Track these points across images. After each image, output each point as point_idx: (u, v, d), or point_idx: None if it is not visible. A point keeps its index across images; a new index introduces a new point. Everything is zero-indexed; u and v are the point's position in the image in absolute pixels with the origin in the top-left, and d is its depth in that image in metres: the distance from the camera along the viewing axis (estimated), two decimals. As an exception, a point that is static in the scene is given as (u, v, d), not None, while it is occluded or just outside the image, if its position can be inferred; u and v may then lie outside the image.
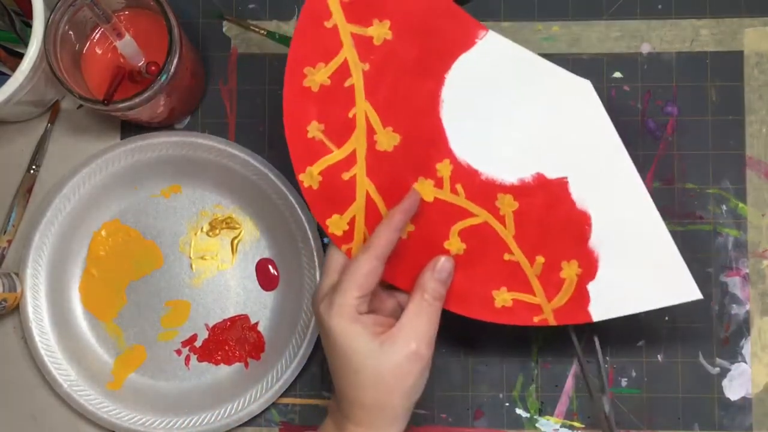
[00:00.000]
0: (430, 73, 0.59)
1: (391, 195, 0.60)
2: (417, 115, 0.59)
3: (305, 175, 0.60)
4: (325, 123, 0.59)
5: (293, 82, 0.58)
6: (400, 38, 0.58)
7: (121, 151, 0.70)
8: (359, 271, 0.56)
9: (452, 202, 0.60)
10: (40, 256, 0.70)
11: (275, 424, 0.70)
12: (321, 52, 0.58)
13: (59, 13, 0.62)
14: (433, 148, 0.60)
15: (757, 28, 0.71)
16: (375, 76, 0.58)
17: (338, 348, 0.56)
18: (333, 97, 0.59)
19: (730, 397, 0.69)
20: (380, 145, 0.59)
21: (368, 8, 0.58)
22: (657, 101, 0.71)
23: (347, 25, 0.58)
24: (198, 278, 0.71)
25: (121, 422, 0.69)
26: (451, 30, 0.58)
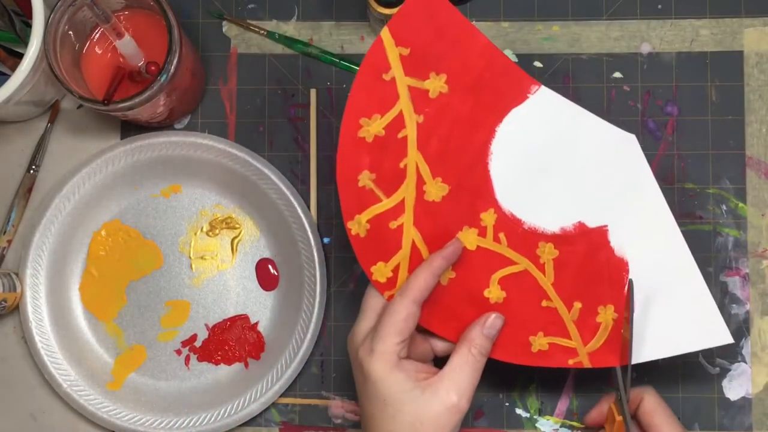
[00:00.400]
0: (481, 126, 0.60)
1: (436, 244, 0.60)
2: (466, 167, 0.60)
3: (353, 223, 0.60)
4: (377, 172, 0.60)
5: (348, 132, 0.59)
6: (455, 92, 0.59)
7: (121, 151, 0.70)
8: (398, 315, 0.56)
9: (494, 250, 0.61)
10: (40, 256, 0.70)
11: (275, 424, 0.70)
12: (378, 103, 0.59)
13: (59, 13, 0.62)
14: (479, 198, 0.60)
15: (757, 28, 0.71)
16: (428, 128, 0.59)
17: (378, 393, 0.56)
18: (386, 148, 0.59)
19: (730, 397, 0.69)
20: (429, 195, 0.60)
21: (426, 62, 0.58)
22: (657, 101, 0.71)
23: (405, 78, 0.58)
24: (198, 278, 0.71)
25: (121, 422, 0.69)
26: (505, 84, 0.59)
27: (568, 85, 0.71)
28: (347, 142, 0.59)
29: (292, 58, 0.72)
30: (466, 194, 0.60)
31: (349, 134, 0.59)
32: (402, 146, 0.59)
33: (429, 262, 0.59)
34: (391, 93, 0.59)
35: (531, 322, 0.62)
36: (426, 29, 0.58)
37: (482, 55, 0.59)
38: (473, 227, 0.61)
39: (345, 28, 0.72)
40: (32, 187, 0.72)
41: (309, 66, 0.72)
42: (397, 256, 0.61)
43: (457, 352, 0.58)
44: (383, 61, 0.58)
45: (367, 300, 0.60)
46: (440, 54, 0.58)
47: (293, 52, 0.72)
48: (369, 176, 0.60)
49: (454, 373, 0.57)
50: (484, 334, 0.59)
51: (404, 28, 0.58)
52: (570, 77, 0.71)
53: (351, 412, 0.70)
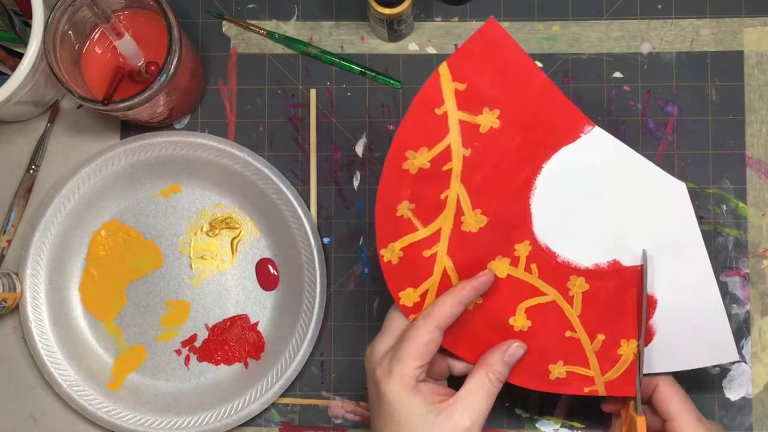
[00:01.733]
0: (528, 162, 0.59)
1: (467, 272, 0.60)
2: (507, 200, 0.59)
3: (387, 251, 0.60)
4: (417, 203, 0.59)
5: (394, 163, 0.58)
6: (506, 127, 0.58)
7: (120, 150, 0.70)
8: (420, 340, 0.56)
9: (524, 279, 0.61)
10: (39, 256, 0.70)
11: (275, 424, 0.70)
12: (426, 137, 0.58)
13: (59, 13, 0.62)
14: (516, 229, 0.60)
15: (757, 28, 0.71)
16: (474, 162, 0.58)
17: (392, 414, 0.56)
18: (429, 180, 0.59)
19: (730, 397, 0.69)
20: (466, 225, 0.59)
21: (481, 98, 0.57)
22: (657, 101, 0.71)
23: (457, 112, 0.57)
24: (198, 278, 0.71)
25: (121, 422, 0.69)
26: (558, 122, 0.59)
27: (568, 85, 0.71)
28: (391, 174, 0.58)
29: (292, 58, 0.72)
30: (503, 226, 0.60)
31: (394, 166, 0.58)
32: (445, 178, 0.58)
33: (458, 289, 0.58)
34: (441, 127, 0.58)
35: (552, 351, 0.61)
36: (486, 66, 0.57)
37: (539, 93, 0.58)
38: (506, 257, 0.60)
39: (345, 28, 0.72)
40: (32, 187, 0.72)
41: (309, 66, 0.72)
42: (426, 283, 0.60)
43: (474, 376, 0.58)
44: (437, 95, 0.57)
45: (390, 319, 0.60)
46: (496, 90, 0.57)
47: (293, 52, 0.72)
48: (408, 206, 0.59)
49: (470, 396, 0.57)
50: (504, 360, 0.59)
51: (464, 64, 0.57)
52: (570, 77, 0.71)
53: (351, 412, 0.70)
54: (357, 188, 0.71)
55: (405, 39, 0.72)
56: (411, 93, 0.71)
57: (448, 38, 0.72)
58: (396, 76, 0.72)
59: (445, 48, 0.72)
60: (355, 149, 0.71)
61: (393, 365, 0.56)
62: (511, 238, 0.60)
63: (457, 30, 0.72)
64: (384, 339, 0.59)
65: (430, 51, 0.72)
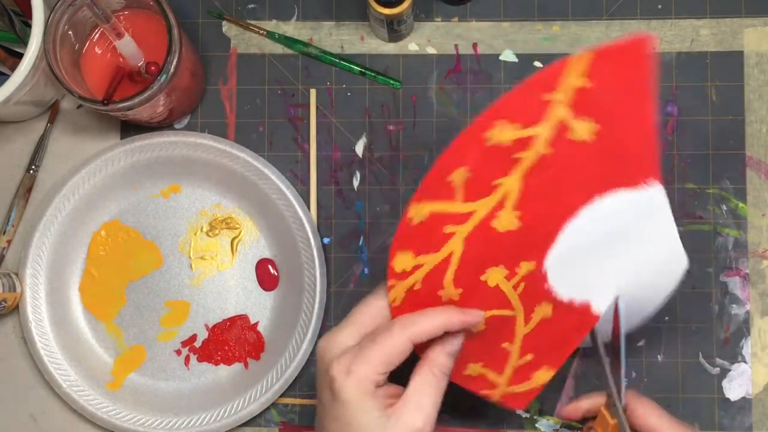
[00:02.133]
0: (585, 189, 0.57)
1: (467, 268, 0.57)
2: (546, 217, 0.57)
3: (416, 207, 0.55)
4: (472, 175, 0.55)
5: (477, 127, 0.54)
6: (593, 146, 0.55)
7: (120, 151, 0.70)
8: (391, 348, 0.54)
9: (505, 293, 0.59)
10: (39, 256, 0.70)
11: (275, 424, 0.70)
12: (521, 116, 0.54)
13: (59, 13, 0.62)
14: (533, 248, 0.58)
15: (757, 28, 0.71)
16: (546, 164, 0.55)
17: (343, 415, 0.53)
18: (496, 158, 0.55)
19: (730, 397, 0.69)
20: (497, 222, 0.56)
21: (594, 105, 0.54)
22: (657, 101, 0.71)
23: (563, 107, 0.54)
24: (198, 278, 0.71)
25: (121, 422, 0.69)
26: (633, 162, 0.56)
27: (568, 85, 0.71)
28: (468, 137, 0.54)
29: (292, 58, 0.72)
30: (526, 239, 0.57)
31: (475, 130, 0.54)
32: (510, 166, 0.55)
33: (447, 316, 0.56)
34: (538, 113, 0.54)
35: (482, 353, 0.61)
36: (621, 78, 0.53)
37: (639, 126, 0.55)
38: (507, 269, 0.58)
39: (345, 28, 0.72)
40: (32, 187, 0.72)
41: (309, 66, 0.72)
42: (427, 258, 0.57)
43: (419, 373, 0.55)
44: (554, 81, 0.53)
45: (356, 313, 0.57)
46: (611, 106, 0.54)
47: (293, 52, 0.72)
48: (463, 175, 0.55)
49: (417, 395, 0.54)
50: (446, 352, 0.56)
51: (604, 65, 0.53)
52: (570, 77, 0.71)
53: (351, 412, 0.70)
54: (357, 188, 0.71)
55: (405, 39, 0.72)
56: (411, 93, 0.71)
57: (448, 38, 0.72)
58: (396, 76, 0.72)
59: (445, 48, 0.72)
60: (355, 149, 0.71)
61: (355, 364, 0.53)
62: (523, 253, 0.58)
63: (457, 30, 0.72)
64: (346, 332, 0.56)
65: (430, 51, 0.72)
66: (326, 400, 0.55)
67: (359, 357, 0.53)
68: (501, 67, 0.71)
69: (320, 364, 0.56)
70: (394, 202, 0.71)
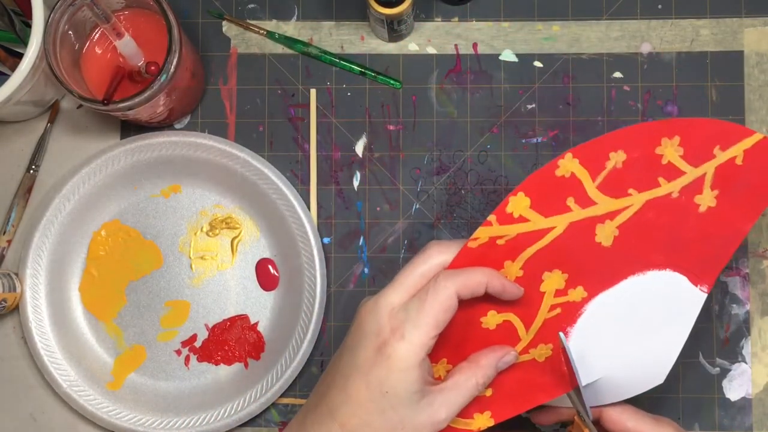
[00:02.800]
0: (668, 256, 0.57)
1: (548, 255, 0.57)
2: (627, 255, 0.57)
3: (569, 160, 0.55)
4: (621, 167, 0.56)
5: (663, 127, 0.55)
6: (700, 217, 0.56)
7: (120, 151, 0.70)
8: (441, 305, 0.52)
9: (540, 309, 0.58)
10: (39, 256, 0.70)
11: (275, 424, 0.70)
12: (694, 150, 0.55)
13: (59, 13, 0.62)
14: (598, 278, 0.57)
15: (757, 28, 0.71)
16: (662, 203, 0.56)
17: (384, 381, 0.52)
18: (646, 170, 0.56)
19: (730, 397, 0.69)
20: (600, 228, 0.56)
21: (729, 182, 0.56)
22: (657, 101, 0.71)
23: (713, 169, 0.55)
24: (198, 278, 0.71)
25: (121, 422, 0.69)
26: (713, 252, 0.57)
27: (568, 85, 0.71)
28: (650, 130, 0.55)
29: (292, 58, 0.72)
30: (600, 264, 0.57)
31: (659, 128, 0.55)
32: (646, 183, 0.56)
33: (492, 276, 0.54)
34: (703, 156, 0.55)
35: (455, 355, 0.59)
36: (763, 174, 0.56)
37: (739, 230, 0.56)
38: (566, 282, 0.57)
39: (345, 28, 0.72)
40: (32, 187, 0.72)
41: (309, 66, 0.72)
42: (536, 216, 0.56)
43: (464, 373, 0.55)
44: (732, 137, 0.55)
45: (405, 274, 0.54)
46: (739, 192, 0.56)
47: (293, 52, 0.72)
48: (618, 159, 0.55)
49: (453, 391, 0.54)
50: (497, 365, 0.56)
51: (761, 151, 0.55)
52: (570, 77, 0.71)
53: (351, 412, 0.70)
54: (357, 188, 0.71)
55: (405, 39, 0.72)
56: (411, 93, 0.71)
57: (448, 38, 0.72)
58: (396, 76, 0.72)
59: (445, 48, 0.72)
60: (355, 149, 0.71)
61: (408, 329, 0.52)
62: (588, 276, 0.57)
63: (456, 30, 0.72)
64: (395, 292, 0.53)
65: (430, 51, 0.72)
66: (364, 360, 0.53)
67: (412, 321, 0.52)
68: (501, 67, 0.71)
69: (365, 324, 0.53)
70: (394, 202, 0.71)
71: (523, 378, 0.58)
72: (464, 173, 0.71)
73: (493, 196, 0.71)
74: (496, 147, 0.71)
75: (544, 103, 0.71)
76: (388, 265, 0.71)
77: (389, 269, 0.71)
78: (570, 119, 0.71)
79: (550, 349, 0.58)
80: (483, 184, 0.71)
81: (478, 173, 0.71)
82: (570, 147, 0.70)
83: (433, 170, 0.71)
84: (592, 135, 0.71)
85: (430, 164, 0.71)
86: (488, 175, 0.71)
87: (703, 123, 0.55)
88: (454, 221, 0.71)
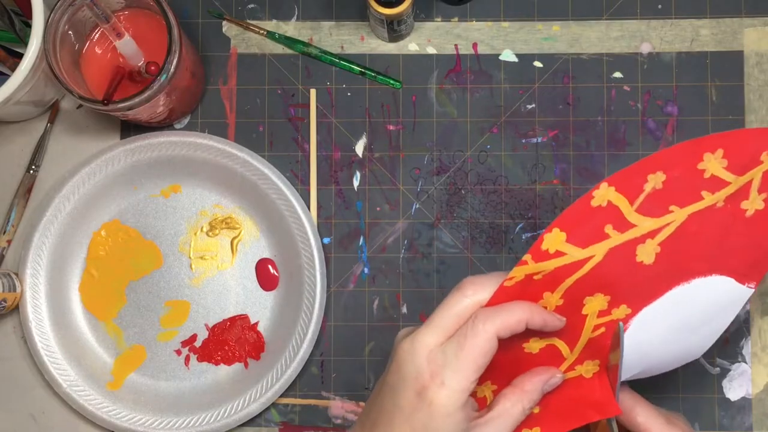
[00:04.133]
0: (711, 263, 0.56)
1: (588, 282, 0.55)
2: (671, 269, 0.56)
3: (604, 190, 0.53)
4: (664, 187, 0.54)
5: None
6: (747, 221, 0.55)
7: (120, 151, 0.70)
8: (481, 348, 0.51)
9: (582, 330, 0.56)
10: (39, 256, 0.70)
11: (275, 424, 0.70)
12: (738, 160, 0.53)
13: (59, 13, 0.62)
14: (640, 294, 0.56)
15: (757, 28, 0.71)
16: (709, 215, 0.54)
17: (427, 425, 0.51)
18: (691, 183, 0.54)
19: (730, 397, 0.69)
20: (642, 248, 0.55)
21: None
22: (657, 101, 0.71)
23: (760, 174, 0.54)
24: (198, 278, 0.71)
25: (121, 422, 0.69)
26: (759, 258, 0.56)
27: (568, 85, 0.71)
28: (688, 150, 0.53)
29: (292, 58, 0.72)
30: (642, 280, 0.55)
31: (701, 144, 0.53)
32: (689, 198, 0.54)
33: (531, 311, 0.53)
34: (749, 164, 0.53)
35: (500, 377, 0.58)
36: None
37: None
38: (609, 304, 0.56)
39: (345, 28, 0.72)
40: (32, 187, 0.72)
41: (309, 66, 0.72)
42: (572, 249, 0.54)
43: (509, 399, 0.54)
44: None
45: (441, 314, 0.53)
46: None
47: (293, 52, 0.72)
48: (657, 181, 0.53)
49: (500, 419, 0.53)
50: (542, 389, 0.55)
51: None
52: (570, 77, 0.71)
53: (351, 412, 0.70)
54: (357, 188, 0.71)
55: (405, 39, 0.72)
56: (411, 93, 0.71)
57: (448, 38, 0.72)
58: (396, 76, 0.72)
59: (445, 48, 0.72)
60: (355, 149, 0.71)
61: (448, 375, 0.51)
62: (630, 294, 0.56)
63: (456, 30, 0.72)
64: (432, 333, 0.52)
65: (430, 51, 0.72)
66: (407, 403, 0.52)
67: (451, 366, 0.51)
68: (501, 67, 0.71)
69: (404, 366, 0.52)
70: (394, 202, 0.71)
71: (572, 395, 0.57)
72: (464, 173, 0.71)
73: (493, 196, 0.71)
74: (496, 147, 0.71)
75: (544, 103, 0.71)
76: (388, 265, 0.71)
77: (389, 269, 0.71)
78: (570, 119, 0.71)
79: (597, 365, 0.57)
80: (483, 184, 0.71)
81: (478, 173, 0.71)
82: (570, 147, 0.71)
83: (433, 170, 0.71)
84: (592, 135, 0.71)
85: (430, 164, 0.71)
86: (488, 175, 0.71)
87: (748, 133, 0.53)
88: (454, 221, 0.71)
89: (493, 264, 0.70)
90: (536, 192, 0.71)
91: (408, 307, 0.71)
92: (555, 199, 0.71)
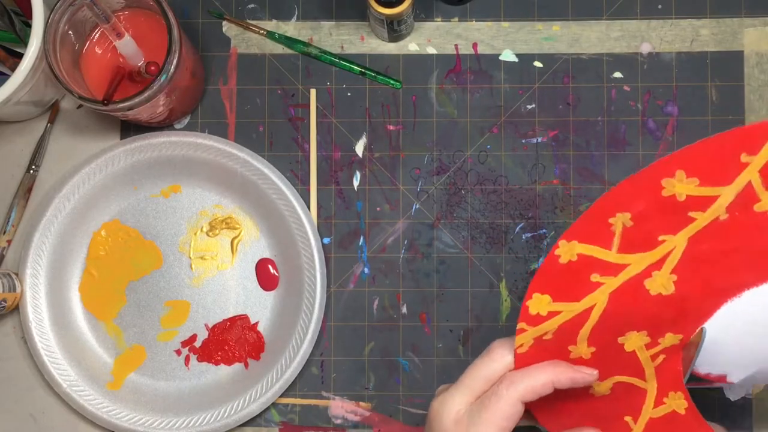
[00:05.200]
0: (758, 270, 0.52)
1: (607, 325, 0.53)
2: (705, 288, 0.53)
3: (566, 246, 0.51)
4: (634, 224, 0.51)
5: (654, 171, 0.49)
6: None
7: (120, 150, 0.70)
8: (504, 413, 0.52)
9: (642, 361, 0.55)
10: (39, 256, 0.70)
11: (275, 424, 0.70)
12: (707, 171, 0.49)
13: (59, 13, 0.62)
14: (683, 320, 0.53)
15: (757, 28, 0.71)
16: (717, 229, 0.51)
17: None
18: (668, 213, 0.50)
19: (730, 397, 0.69)
20: (650, 281, 0.52)
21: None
22: (657, 101, 0.71)
23: (757, 174, 0.49)
24: (198, 278, 0.71)
25: (121, 422, 0.69)
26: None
27: (568, 85, 0.71)
28: (644, 178, 0.50)
29: (292, 58, 0.72)
30: (676, 309, 0.53)
31: (653, 173, 0.49)
32: (683, 223, 0.50)
33: (556, 371, 0.53)
34: (729, 174, 0.49)
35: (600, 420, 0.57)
36: None
37: None
38: (649, 337, 0.53)
39: (345, 28, 0.72)
40: (32, 187, 0.72)
41: (309, 66, 0.72)
42: (566, 306, 0.52)
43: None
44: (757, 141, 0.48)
45: (469, 376, 0.54)
46: None
47: (293, 52, 0.72)
48: (625, 220, 0.50)
49: None
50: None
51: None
52: (570, 77, 0.71)
53: (351, 412, 0.70)
54: (357, 188, 0.71)
55: (405, 39, 0.72)
56: (411, 93, 0.71)
57: (448, 38, 0.72)
58: (396, 76, 0.72)
59: (445, 48, 0.72)
60: (355, 149, 0.72)
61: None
62: (671, 323, 0.53)
63: (456, 30, 0.72)
64: (459, 394, 0.54)
65: (430, 51, 0.72)
66: None
67: (474, 428, 0.52)
68: (501, 67, 0.71)
69: (434, 425, 0.55)
70: (394, 202, 0.71)
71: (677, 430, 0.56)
72: (464, 173, 0.71)
73: (493, 196, 0.71)
74: (496, 147, 0.71)
75: (544, 103, 0.71)
76: (388, 265, 0.71)
77: (389, 269, 0.71)
78: (570, 119, 0.71)
79: (682, 398, 0.55)
80: (483, 184, 0.71)
81: (478, 173, 0.71)
82: (570, 147, 0.70)
83: (433, 170, 0.71)
84: (592, 135, 0.71)
85: (430, 164, 0.71)
86: (488, 175, 0.71)
87: (702, 145, 0.50)
88: (454, 221, 0.71)
89: (493, 264, 0.70)
90: (536, 192, 0.71)
91: (408, 307, 0.71)
92: (555, 199, 0.71)
